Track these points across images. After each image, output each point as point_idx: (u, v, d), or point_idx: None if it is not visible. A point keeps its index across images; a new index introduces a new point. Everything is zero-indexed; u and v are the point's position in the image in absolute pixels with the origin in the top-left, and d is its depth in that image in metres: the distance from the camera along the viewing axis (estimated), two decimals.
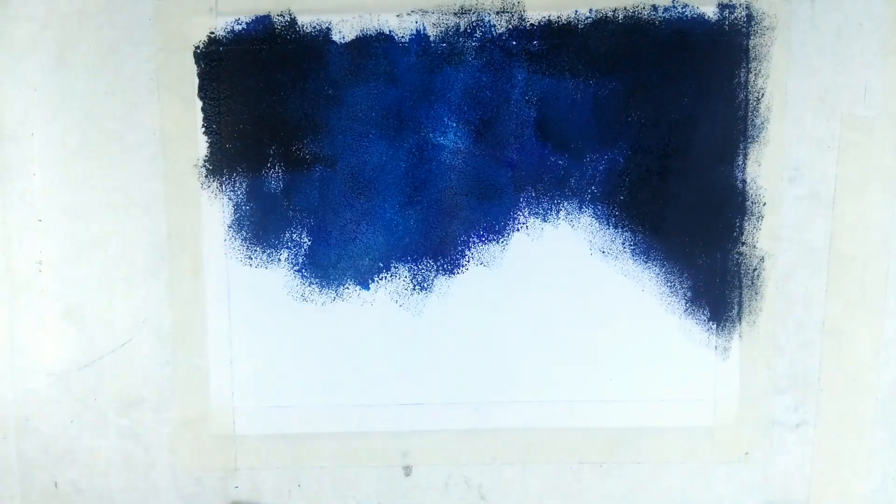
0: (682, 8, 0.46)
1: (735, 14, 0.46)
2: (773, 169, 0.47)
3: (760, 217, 0.47)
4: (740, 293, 0.48)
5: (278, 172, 0.47)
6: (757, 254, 0.48)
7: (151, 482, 0.50)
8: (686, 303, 0.48)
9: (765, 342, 0.49)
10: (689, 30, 0.46)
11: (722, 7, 0.46)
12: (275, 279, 0.48)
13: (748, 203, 0.47)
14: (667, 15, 0.46)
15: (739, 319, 0.48)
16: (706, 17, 0.46)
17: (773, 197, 0.47)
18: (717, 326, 0.48)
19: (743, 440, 0.49)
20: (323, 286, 0.48)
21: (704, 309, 0.48)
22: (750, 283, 0.48)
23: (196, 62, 0.46)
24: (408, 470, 0.50)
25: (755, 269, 0.48)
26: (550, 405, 0.49)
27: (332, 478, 0.50)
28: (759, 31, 0.46)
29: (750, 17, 0.46)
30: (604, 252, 0.47)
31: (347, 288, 0.48)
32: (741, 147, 0.47)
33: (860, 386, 0.49)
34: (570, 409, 0.49)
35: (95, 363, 0.49)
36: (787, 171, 0.47)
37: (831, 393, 0.49)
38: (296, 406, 0.49)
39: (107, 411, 0.49)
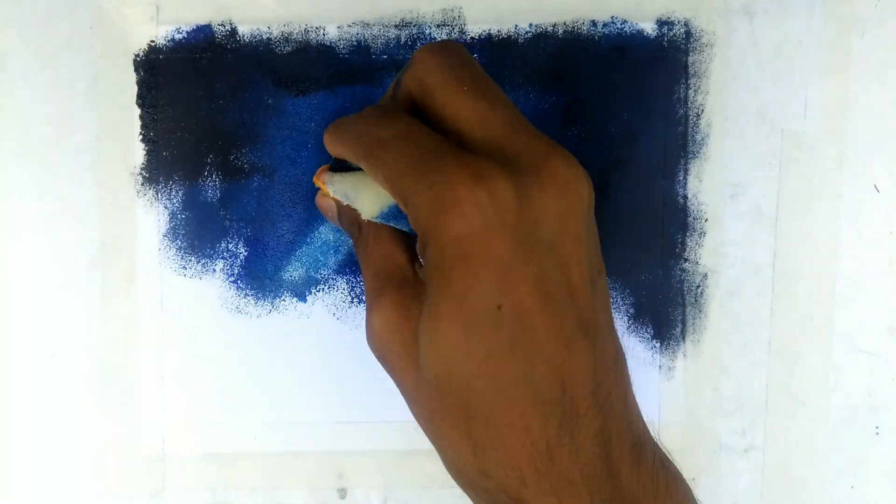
0: (621, 24, 0.46)
1: (674, 31, 0.46)
2: (714, 185, 0.47)
3: (702, 233, 0.47)
4: (683, 310, 0.47)
5: (215, 181, 0.46)
6: (700, 270, 0.47)
7: (76, 503, 0.48)
8: (629, 319, 0.47)
9: (710, 362, 0.47)
10: (628, 45, 0.46)
11: (661, 24, 0.46)
12: (209, 290, 0.47)
13: (690, 219, 0.47)
14: (606, 30, 0.46)
15: (683, 338, 0.47)
16: (645, 34, 0.46)
17: (715, 213, 0.47)
18: (661, 345, 0.47)
19: (690, 465, 0.48)
20: (259, 298, 0.47)
21: (648, 326, 0.47)
22: (693, 300, 0.47)
23: (135, 70, 0.46)
24: (343, 492, 0.48)
25: (698, 287, 0.47)
26: None
27: (264, 500, 0.48)
28: (697, 48, 0.46)
29: (689, 33, 0.46)
30: None
31: (284, 300, 0.47)
32: (682, 163, 0.46)
33: (810, 410, 0.48)
34: None
35: (23, 376, 0.47)
36: (729, 187, 0.47)
37: (780, 417, 0.48)
38: (227, 423, 0.47)
39: (32, 427, 0.47)
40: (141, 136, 0.46)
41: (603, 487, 0.29)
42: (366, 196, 0.36)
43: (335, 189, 0.37)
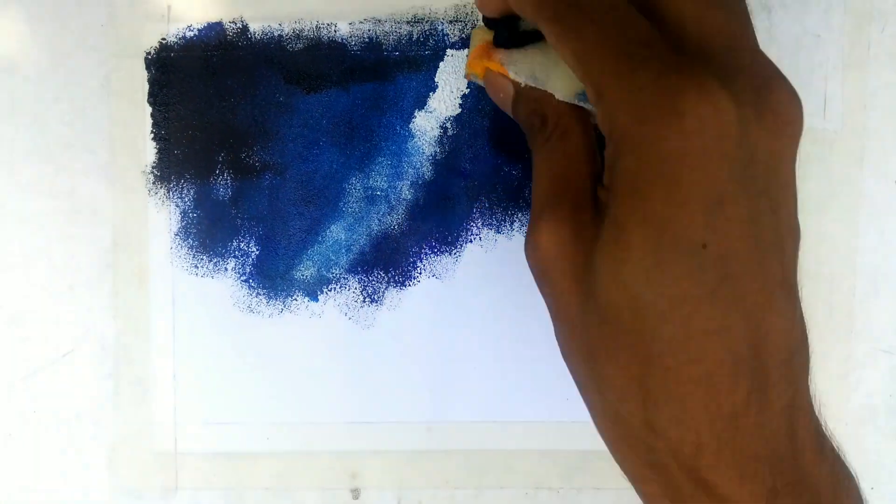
0: None
1: None
2: None
3: None
4: None
5: (227, 180, 0.46)
6: None
7: (90, 501, 0.48)
8: None
9: None
10: None
11: None
12: (221, 289, 0.47)
13: None
14: None
15: None
16: None
17: None
18: None
19: None
20: (270, 297, 0.47)
21: None
22: None
23: (147, 68, 0.46)
24: (356, 493, 0.48)
25: None
26: (506, 426, 0.47)
27: (277, 500, 0.48)
28: None
29: None
30: None
31: (296, 299, 0.47)
32: None
33: (829, 411, 0.47)
34: (526, 429, 0.47)
35: (36, 374, 0.47)
36: None
37: None
38: (240, 423, 0.47)
39: (46, 425, 0.47)
40: (152, 135, 0.46)
41: (786, 470, 0.25)
42: (558, 73, 0.30)
43: (518, 69, 0.31)
